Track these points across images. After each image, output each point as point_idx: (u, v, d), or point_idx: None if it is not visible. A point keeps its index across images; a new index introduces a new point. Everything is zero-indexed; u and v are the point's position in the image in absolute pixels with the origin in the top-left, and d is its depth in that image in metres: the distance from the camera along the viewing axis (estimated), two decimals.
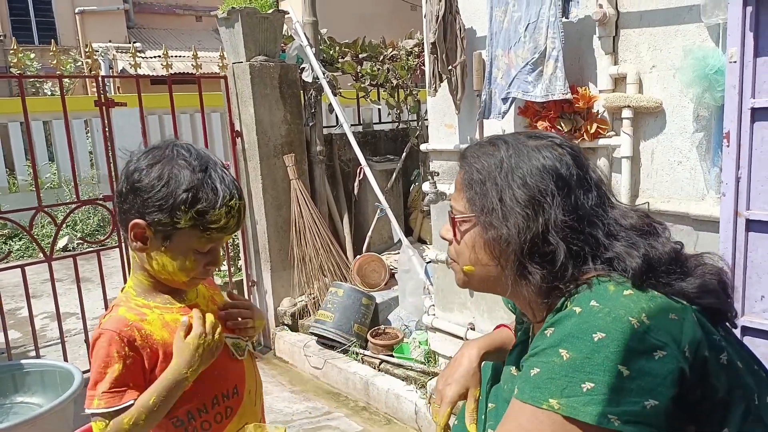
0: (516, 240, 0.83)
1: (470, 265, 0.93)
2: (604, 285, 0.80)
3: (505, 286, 0.89)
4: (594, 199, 0.86)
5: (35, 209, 2.87)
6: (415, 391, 2.65)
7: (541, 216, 0.82)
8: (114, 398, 1.03)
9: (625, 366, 0.71)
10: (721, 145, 1.63)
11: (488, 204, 0.87)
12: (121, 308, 1.11)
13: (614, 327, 0.73)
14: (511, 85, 2.00)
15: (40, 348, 3.04)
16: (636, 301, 0.77)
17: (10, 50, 2.99)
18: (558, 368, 0.74)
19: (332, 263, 3.71)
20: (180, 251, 1.07)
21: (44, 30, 13.58)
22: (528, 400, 0.76)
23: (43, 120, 6.97)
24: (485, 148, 0.92)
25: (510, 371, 1.06)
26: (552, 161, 0.86)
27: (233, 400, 1.18)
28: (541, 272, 0.83)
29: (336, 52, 4.11)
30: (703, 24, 1.67)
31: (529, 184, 0.84)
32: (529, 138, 0.91)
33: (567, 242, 0.82)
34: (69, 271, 4.36)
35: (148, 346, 1.07)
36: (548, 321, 0.81)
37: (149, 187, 1.04)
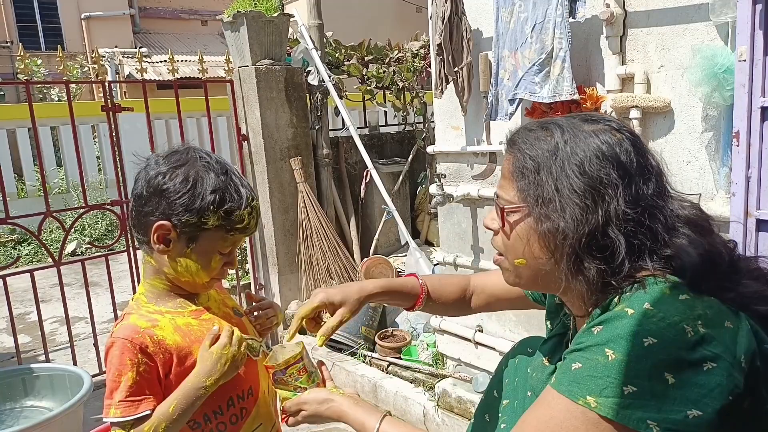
0: (573, 233, 0.78)
1: (522, 258, 0.87)
2: (659, 286, 0.75)
3: (559, 282, 0.84)
4: (654, 188, 0.80)
5: (44, 214, 2.88)
6: (423, 393, 2.65)
7: (601, 207, 0.77)
8: (130, 407, 1.03)
9: (671, 374, 0.69)
10: (730, 145, 1.62)
11: (543, 194, 0.81)
12: (132, 316, 1.12)
13: (667, 334, 0.71)
14: (518, 86, 1.99)
15: (49, 352, 3.06)
16: (692, 307, 0.73)
17: (18, 56, 3.01)
18: (601, 367, 0.72)
19: (339, 266, 3.71)
20: (205, 252, 1.10)
21: (51, 36, 13.68)
22: (565, 393, 0.75)
23: (50, 126, 7.02)
24: (537, 133, 0.86)
25: (542, 361, 1.05)
26: (611, 147, 0.80)
27: (248, 401, 1.19)
28: (597, 267, 0.78)
29: (341, 54, 4.11)
30: (711, 22, 1.66)
31: (587, 173, 0.78)
32: (584, 122, 0.85)
33: (627, 236, 0.77)
34: (77, 275, 4.39)
35: (161, 352, 1.08)
36: (595, 318, 0.78)
37: (176, 189, 1.05)
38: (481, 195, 2.33)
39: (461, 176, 2.47)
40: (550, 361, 1.03)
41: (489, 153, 2.30)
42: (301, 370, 1.13)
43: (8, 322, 3.12)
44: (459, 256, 2.54)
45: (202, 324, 1.15)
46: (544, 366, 1.03)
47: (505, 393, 1.16)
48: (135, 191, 1.11)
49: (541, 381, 1.02)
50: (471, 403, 2.36)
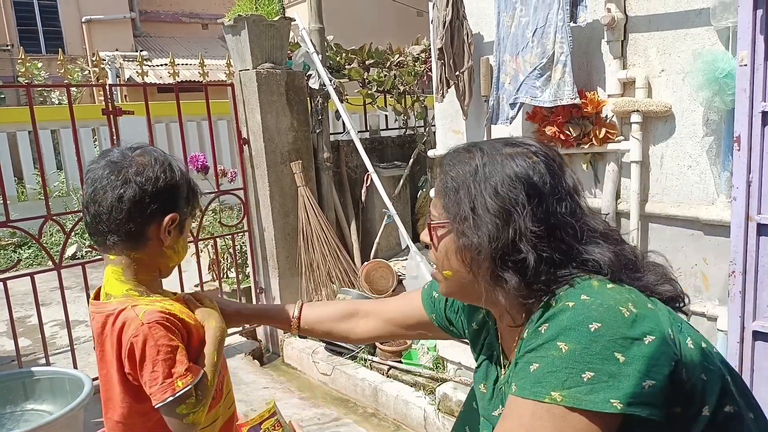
0: (487, 248, 0.85)
1: (448, 270, 0.94)
2: (588, 281, 0.83)
3: (479, 293, 0.91)
4: (567, 206, 0.87)
5: (44, 218, 2.88)
6: (423, 397, 2.64)
7: (512, 225, 0.84)
8: (193, 372, 1.06)
9: (620, 353, 0.74)
10: (731, 149, 1.62)
11: (461, 212, 0.88)
12: (140, 306, 1.10)
13: (608, 316, 0.76)
14: (519, 91, 1.99)
15: (50, 355, 3.05)
16: (620, 293, 0.81)
17: (18, 60, 3.01)
18: (558, 361, 0.76)
19: (340, 270, 3.70)
20: (184, 232, 1.19)
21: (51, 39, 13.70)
22: (529, 396, 0.77)
23: (51, 129, 7.02)
24: (461, 155, 0.93)
25: (480, 389, 1.08)
26: (525, 169, 0.87)
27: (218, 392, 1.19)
28: (514, 278, 0.85)
29: (342, 58, 4.12)
30: (712, 27, 1.67)
31: (500, 194, 0.85)
32: (505, 145, 0.92)
33: (537, 250, 0.83)
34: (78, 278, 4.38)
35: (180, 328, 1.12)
36: (536, 320, 0.83)
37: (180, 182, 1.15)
38: None
39: None
40: (486, 387, 1.06)
41: None
42: (276, 424, 1.14)
43: (9, 326, 3.11)
44: None
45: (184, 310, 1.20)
46: (483, 393, 1.06)
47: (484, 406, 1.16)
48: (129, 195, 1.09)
49: (485, 408, 1.05)
50: None
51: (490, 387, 1.05)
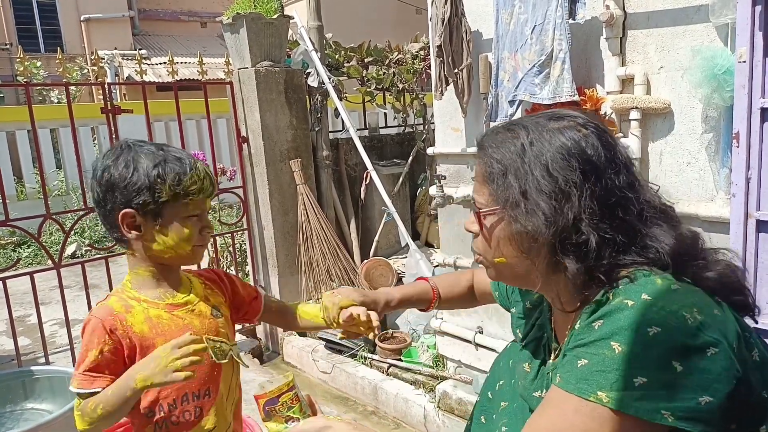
0: (544, 233, 0.79)
1: (502, 257, 0.89)
2: (651, 278, 0.76)
3: (536, 280, 0.86)
4: (624, 179, 0.80)
5: (43, 217, 2.88)
6: (423, 395, 2.64)
7: (569, 206, 0.78)
8: (86, 381, 1.11)
9: (678, 362, 0.69)
10: (730, 146, 1.62)
11: (512, 197, 0.82)
12: (113, 298, 1.18)
13: (670, 321, 0.71)
14: (517, 88, 1.99)
15: (49, 354, 3.05)
16: (686, 296, 0.75)
17: (17, 59, 3.01)
18: (609, 361, 0.72)
19: (339, 268, 3.71)
20: (172, 223, 1.15)
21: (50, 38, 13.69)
22: (574, 391, 0.74)
23: (50, 128, 7.02)
24: (503, 135, 0.86)
25: (523, 368, 1.04)
26: (577, 143, 0.80)
27: (205, 401, 1.20)
28: (575, 264, 0.79)
29: (341, 56, 4.12)
30: (711, 24, 1.66)
31: (553, 173, 0.79)
32: (549, 120, 0.85)
33: (599, 231, 0.78)
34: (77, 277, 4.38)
35: (128, 337, 1.13)
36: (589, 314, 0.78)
37: (122, 176, 1.13)
38: None
39: (461, 178, 2.47)
40: (531, 366, 1.03)
41: None
42: (294, 398, 1.12)
43: (8, 325, 3.11)
44: (459, 258, 2.54)
45: (172, 318, 1.18)
46: (526, 372, 1.03)
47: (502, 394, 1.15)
48: (93, 198, 1.18)
49: (525, 387, 1.02)
50: (472, 404, 2.36)
51: (535, 368, 1.01)
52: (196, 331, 1.18)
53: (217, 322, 1.25)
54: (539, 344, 1.04)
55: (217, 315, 1.26)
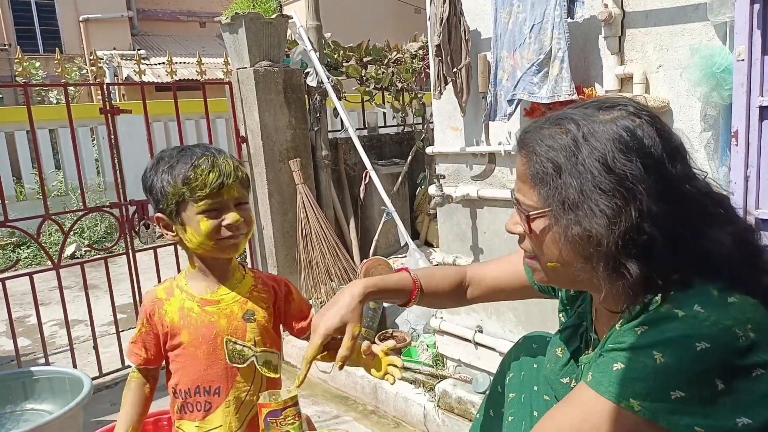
0: (607, 236, 0.72)
1: (555, 263, 0.83)
2: (707, 287, 0.72)
3: (597, 284, 0.78)
4: (682, 170, 0.75)
5: (43, 217, 2.88)
6: (423, 394, 2.64)
7: (633, 204, 0.71)
8: (128, 353, 1.31)
9: (721, 380, 0.67)
10: (729, 144, 1.62)
11: (569, 198, 0.75)
12: (164, 283, 1.32)
13: (720, 338, 0.68)
14: (516, 87, 1.99)
15: (49, 355, 3.05)
16: (742, 311, 0.71)
17: (16, 59, 3.01)
18: (649, 370, 0.69)
19: (339, 267, 3.71)
20: (190, 219, 1.19)
21: (49, 38, 13.67)
22: (605, 394, 0.72)
23: (49, 128, 7.01)
24: (550, 131, 0.79)
25: (555, 352, 1.02)
26: (633, 134, 0.74)
27: (214, 398, 1.23)
28: (638, 267, 0.73)
29: (340, 56, 4.12)
30: (709, 22, 1.66)
31: (613, 169, 0.72)
32: (599, 110, 0.79)
33: (663, 230, 0.72)
34: (77, 278, 4.38)
35: (161, 323, 1.25)
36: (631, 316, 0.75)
37: (150, 183, 1.22)
38: (481, 196, 2.33)
39: (460, 177, 2.47)
40: (563, 352, 1.00)
41: (488, 153, 2.30)
42: (297, 415, 1.12)
43: (8, 325, 3.11)
44: (459, 257, 2.54)
45: (201, 314, 1.24)
46: (557, 357, 1.00)
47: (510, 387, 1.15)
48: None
49: (554, 372, 1.00)
50: (471, 403, 2.36)
51: (567, 354, 0.99)
52: (219, 330, 1.22)
53: (246, 325, 1.25)
54: (576, 332, 1.00)
55: (249, 319, 1.26)
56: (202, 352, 1.22)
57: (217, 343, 1.22)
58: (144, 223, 3.10)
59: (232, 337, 1.23)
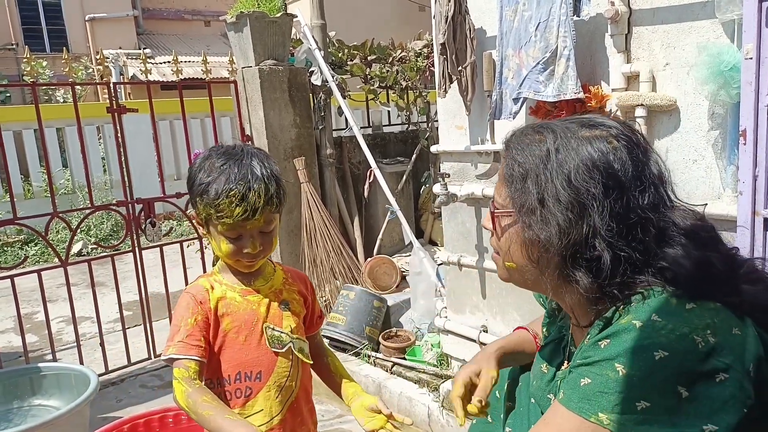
0: (557, 244, 0.77)
1: (511, 262, 0.87)
2: (664, 296, 0.74)
3: (546, 288, 0.84)
4: (650, 199, 0.77)
5: (51, 215, 2.89)
6: (427, 394, 2.64)
7: (586, 220, 0.75)
8: (183, 348, 1.20)
9: (684, 388, 0.67)
10: (737, 143, 1.61)
11: (528, 203, 0.79)
12: (202, 278, 1.32)
13: (677, 346, 0.69)
14: (522, 85, 1.99)
15: (56, 351, 3.07)
16: (700, 317, 0.72)
17: (23, 59, 3.02)
18: (612, 383, 0.70)
19: (343, 266, 3.71)
20: (215, 236, 1.23)
21: (55, 38, 13.73)
22: (575, 410, 0.73)
23: (56, 127, 7.05)
24: (530, 138, 0.83)
25: (540, 368, 1.03)
26: (604, 156, 0.76)
27: (254, 383, 1.27)
28: (587, 279, 0.76)
29: (345, 54, 4.12)
30: (717, 20, 1.65)
31: (574, 184, 0.76)
32: (581, 126, 0.81)
33: (614, 249, 0.74)
34: (84, 275, 4.40)
35: (210, 310, 1.26)
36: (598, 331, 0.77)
37: (191, 178, 1.24)
38: (486, 194, 2.32)
39: (465, 175, 2.47)
40: (548, 368, 1.02)
41: (493, 152, 2.30)
42: None
43: (16, 322, 3.14)
44: (463, 256, 2.54)
45: (243, 302, 1.28)
46: (543, 373, 1.02)
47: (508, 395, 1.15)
48: None
49: (540, 389, 1.01)
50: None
51: (552, 370, 1.00)
52: (260, 318, 1.27)
53: (282, 314, 1.32)
54: (559, 346, 1.02)
55: (284, 308, 1.33)
56: (244, 338, 1.26)
57: (258, 330, 1.27)
58: (150, 221, 3.11)
59: (270, 323, 1.29)
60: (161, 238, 3.23)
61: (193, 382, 1.17)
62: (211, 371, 1.27)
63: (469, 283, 2.55)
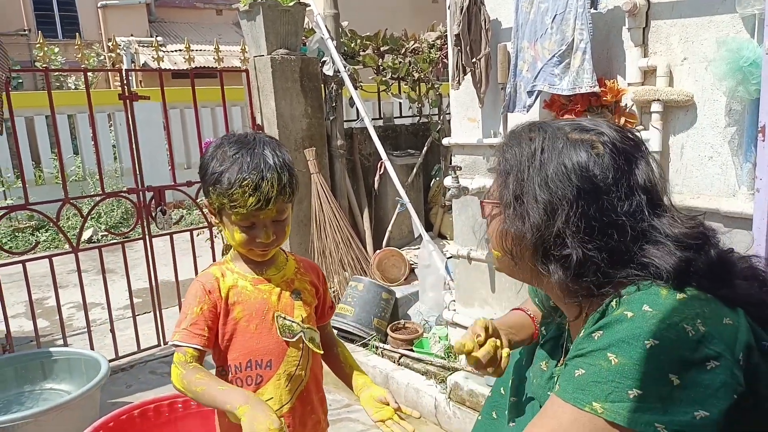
0: (529, 238, 0.82)
1: (495, 249, 0.93)
2: (655, 288, 0.76)
3: (526, 278, 0.90)
4: (630, 206, 0.79)
5: (62, 201, 2.91)
6: (434, 385, 2.65)
7: (556, 220, 0.79)
8: (186, 336, 1.22)
9: (676, 375, 0.69)
10: (754, 140, 1.59)
11: (507, 197, 0.86)
12: (214, 267, 1.32)
13: (668, 334, 0.71)
14: (537, 78, 1.97)
15: (67, 336, 3.10)
16: (690, 306, 0.74)
17: (36, 45, 3.03)
18: (605, 372, 0.72)
19: (352, 257, 3.71)
20: (228, 225, 1.23)
21: (68, 24, 13.78)
22: (570, 401, 0.75)
23: (67, 113, 7.08)
24: (522, 136, 0.88)
25: (540, 366, 1.04)
26: (584, 162, 0.80)
27: (265, 371, 1.28)
28: (559, 272, 0.81)
29: (357, 45, 4.10)
30: (737, 15, 1.63)
31: (550, 186, 0.80)
32: (573, 129, 0.85)
33: (584, 248, 0.78)
34: (94, 262, 4.44)
35: (220, 298, 1.27)
36: (593, 321, 0.79)
37: (204, 166, 1.23)
38: None
39: (477, 169, 2.46)
40: (548, 365, 1.03)
41: None
42: None
43: (27, 307, 3.17)
44: (473, 250, 2.53)
45: (254, 291, 1.29)
46: (542, 371, 1.03)
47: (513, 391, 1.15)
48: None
49: (540, 386, 1.02)
50: (483, 396, 2.36)
51: (552, 367, 1.03)
52: (271, 306, 1.28)
53: (293, 303, 1.32)
54: (557, 343, 1.04)
55: (296, 298, 1.33)
56: (255, 327, 1.27)
57: (269, 318, 1.28)
58: (161, 209, 3.12)
59: (282, 312, 1.29)
60: (171, 226, 3.25)
61: (188, 364, 1.19)
62: (222, 359, 1.28)
63: (479, 276, 2.55)
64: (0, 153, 6.82)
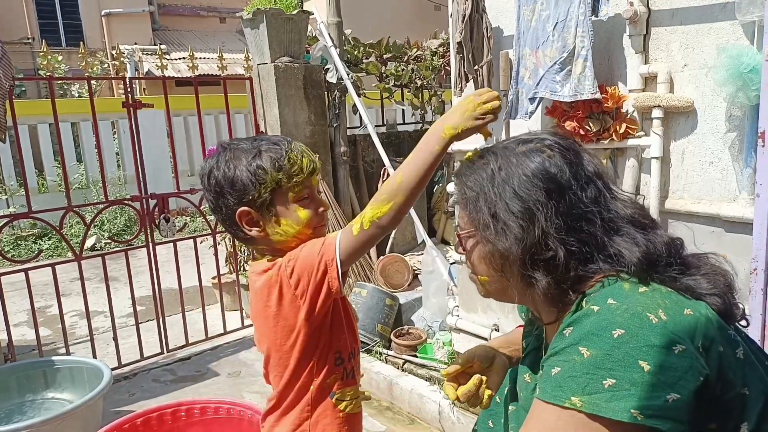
0: (516, 250, 0.84)
1: (484, 276, 0.95)
2: (619, 283, 0.80)
3: (513, 295, 0.92)
4: (591, 193, 0.85)
5: (65, 209, 2.92)
6: (438, 391, 2.64)
7: (536, 224, 0.83)
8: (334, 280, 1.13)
9: (645, 361, 0.72)
10: (754, 146, 1.59)
11: (483, 220, 0.88)
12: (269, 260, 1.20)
13: (633, 323, 0.74)
14: (538, 85, 1.98)
15: (69, 345, 3.11)
16: (652, 298, 0.78)
17: (40, 53, 3.05)
18: (579, 366, 0.74)
19: (355, 264, 3.72)
20: (287, 209, 1.15)
21: (71, 33, 13.85)
22: (550, 399, 0.76)
23: (71, 121, 7.11)
24: (477, 164, 0.92)
25: (524, 378, 1.06)
26: (541, 165, 0.85)
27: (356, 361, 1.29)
28: (546, 278, 0.84)
29: (360, 52, 4.12)
30: (737, 21, 1.64)
31: (520, 194, 0.84)
32: (518, 144, 0.91)
33: (565, 244, 0.82)
34: (97, 270, 4.45)
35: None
36: (566, 321, 0.82)
37: (227, 176, 1.13)
38: None
39: None
40: (531, 377, 1.05)
41: None
42: None
43: (30, 315, 3.18)
44: None
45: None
46: (527, 383, 1.05)
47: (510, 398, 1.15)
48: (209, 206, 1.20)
49: (527, 399, 1.03)
50: None
51: (535, 379, 1.04)
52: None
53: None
54: (537, 355, 1.06)
55: None
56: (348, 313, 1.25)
57: (348, 304, 1.26)
58: (164, 217, 3.13)
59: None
60: (175, 234, 3.26)
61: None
62: (339, 343, 1.22)
63: None
64: (3, 161, 6.85)
